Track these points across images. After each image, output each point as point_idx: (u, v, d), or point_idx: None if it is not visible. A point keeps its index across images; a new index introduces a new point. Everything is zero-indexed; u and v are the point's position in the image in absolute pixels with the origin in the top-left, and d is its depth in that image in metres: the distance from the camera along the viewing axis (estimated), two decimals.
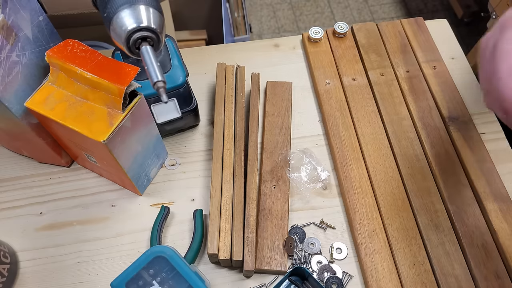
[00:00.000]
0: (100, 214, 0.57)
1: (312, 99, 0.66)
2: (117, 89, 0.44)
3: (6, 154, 0.62)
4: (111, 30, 0.42)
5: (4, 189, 0.59)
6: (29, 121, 0.50)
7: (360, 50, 0.68)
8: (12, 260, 0.52)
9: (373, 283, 0.50)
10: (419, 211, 0.54)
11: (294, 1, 1.94)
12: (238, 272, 0.53)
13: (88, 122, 0.45)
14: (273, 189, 0.56)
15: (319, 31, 0.69)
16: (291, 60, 0.71)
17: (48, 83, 0.48)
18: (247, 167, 0.56)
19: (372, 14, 1.90)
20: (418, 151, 0.59)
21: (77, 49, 0.47)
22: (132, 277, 0.45)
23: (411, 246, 0.52)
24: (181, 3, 1.24)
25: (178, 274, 0.45)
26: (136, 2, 0.41)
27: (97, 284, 0.52)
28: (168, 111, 0.56)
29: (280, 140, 0.60)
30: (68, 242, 0.55)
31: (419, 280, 0.50)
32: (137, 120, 0.48)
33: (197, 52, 0.72)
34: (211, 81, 0.68)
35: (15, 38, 0.46)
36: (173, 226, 0.56)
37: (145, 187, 0.59)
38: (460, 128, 0.60)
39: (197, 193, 0.58)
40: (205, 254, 0.54)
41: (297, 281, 0.51)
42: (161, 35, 0.43)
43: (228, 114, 0.60)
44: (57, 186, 0.59)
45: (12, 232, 0.56)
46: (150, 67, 0.40)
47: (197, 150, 0.62)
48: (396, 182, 0.56)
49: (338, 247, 0.54)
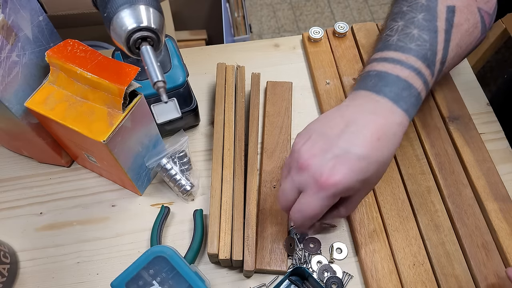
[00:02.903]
0: (100, 214, 0.57)
1: (312, 99, 0.66)
2: (117, 89, 0.44)
3: (6, 154, 0.62)
4: (111, 30, 0.42)
5: (4, 189, 0.59)
6: (29, 121, 0.50)
7: (360, 50, 0.68)
8: (12, 260, 0.52)
9: (373, 283, 0.50)
10: (419, 211, 0.54)
11: (294, 1, 1.94)
12: (238, 272, 0.53)
13: (88, 122, 0.46)
14: (273, 189, 0.56)
15: (319, 31, 0.69)
16: (291, 60, 0.71)
17: (48, 83, 0.48)
18: (247, 167, 0.56)
19: (372, 14, 1.90)
20: (418, 151, 0.59)
21: (77, 49, 0.47)
22: (132, 277, 0.45)
23: (411, 246, 0.52)
24: (181, 3, 1.24)
25: (178, 274, 0.45)
26: (136, 2, 0.41)
27: (97, 284, 0.52)
28: (168, 111, 0.56)
29: (280, 140, 0.60)
30: (68, 242, 0.55)
31: (419, 280, 0.50)
32: (137, 120, 0.48)
33: (197, 52, 0.72)
34: (211, 81, 0.68)
35: (15, 38, 0.46)
36: (173, 226, 0.56)
37: (145, 187, 0.59)
38: (460, 128, 0.60)
39: (197, 193, 0.58)
40: (205, 254, 0.54)
41: (297, 281, 0.51)
42: (161, 35, 0.43)
43: (228, 114, 0.60)
44: (57, 186, 0.59)
45: (12, 232, 0.56)
46: (150, 67, 0.40)
47: (197, 150, 0.62)
48: (396, 182, 0.56)
49: (338, 247, 0.54)
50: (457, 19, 0.47)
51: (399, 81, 0.43)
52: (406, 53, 0.44)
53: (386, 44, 0.46)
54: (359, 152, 0.40)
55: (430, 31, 0.45)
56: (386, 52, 0.46)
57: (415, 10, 0.47)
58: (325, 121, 0.44)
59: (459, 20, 0.47)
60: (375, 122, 0.41)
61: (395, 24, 0.47)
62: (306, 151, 0.42)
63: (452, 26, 0.46)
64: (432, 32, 0.45)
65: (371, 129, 0.41)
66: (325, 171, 0.40)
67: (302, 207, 0.42)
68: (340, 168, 0.40)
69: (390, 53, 0.45)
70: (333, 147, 0.41)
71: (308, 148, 0.42)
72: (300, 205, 0.42)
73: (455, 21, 0.46)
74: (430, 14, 0.46)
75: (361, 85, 0.45)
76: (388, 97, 0.43)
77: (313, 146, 0.42)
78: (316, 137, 0.42)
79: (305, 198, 0.42)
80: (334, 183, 0.40)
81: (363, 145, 0.40)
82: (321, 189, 0.40)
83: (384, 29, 0.49)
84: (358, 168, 0.40)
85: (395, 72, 0.44)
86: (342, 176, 0.40)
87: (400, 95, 0.43)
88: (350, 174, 0.40)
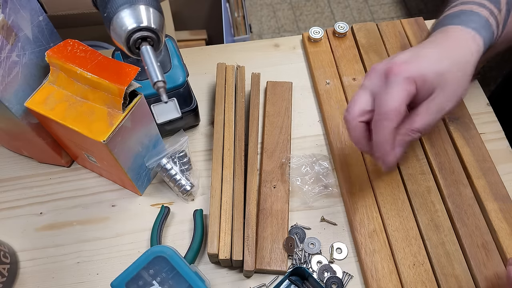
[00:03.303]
0: (100, 214, 0.57)
1: (312, 99, 0.66)
2: (117, 89, 0.44)
3: (6, 154, 0.62)
4: (111, 30, 0.42)
5: (4, 189, 0.59)
6: (29, 121, 0.50)
7: (360, 50, 0.68)
8: (12, 260, 0.52)
9: (373, 283, 0.50)
10: (419, 211, 0.54)
11: (294, 1, 1.94)
12: (238, 272, 0.53)
13: (88, 122, 0.45)
14: (273, 189, 0.56)
15: (319, 31, 0.69)
16: (291, 60, 0.71)
17: (48, 83, 0.48)
18: (247, 167, 0.56)
19: (372, 14, 1.90)
20: (418, 151, 0.59)
21: (77, 49, 0.47)
22: (132, 277, 0.45)
23: (411, 246, 0.52)
24: (181, 3, 1.24)
25: (178, 274, 0.45)
26: (136, 2, 0.41)
27: (97, 284, 0.52)
28: (168, 111, 0.56)
29: (280, 140, 0.60)
30: (68, 242, 0.55)
31: (419, 280, 0.50)
32: (137, 120, 0.48)
33: (197, 52, 0.72)
34: (211, 81, 0.68)
35: (15, 38, 0.46)
36: (173, 226, 0.56)
37: (145, 187, 0.59)
38: (460, 128, 0.60)
39: (197, 193, 0.58)
40: (205, 254, 0.54)
41: (297, 281, 0.51)
42: (161, 35, 0.43)
43: (228, 114, 0.60)
44: (57, 186, 0.59)
45: (12, 232, 0.56)
46: (150, 67, 0.40)
47: (197, 150, 0.62)
48: (396, 182, 0.56)
49: (338, 247, 0.54)
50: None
51: (481, 18, 0.48)
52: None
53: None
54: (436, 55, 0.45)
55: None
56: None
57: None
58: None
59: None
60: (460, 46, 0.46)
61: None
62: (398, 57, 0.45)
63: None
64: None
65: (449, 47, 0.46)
66: (399, 60, 0.43)
67: (382, 103, 0.43)
68: (414, 58, 0.44)
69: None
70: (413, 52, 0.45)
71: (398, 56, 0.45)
72: (381, 102, 0.43)
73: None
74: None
75: (448, 21, 0.49)
76: (473, 28, 0.47)
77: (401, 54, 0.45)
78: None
79: (382, 94, 0.43)
80: (407, 67, 0.43)
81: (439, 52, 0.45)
82: (395, 74, 0.42)
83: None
84: (432, 59, 0.44)
85: (482, 13, 0.48)
86: (416, 62, 0.43)
87: (483, 27, 0.48)
88: (423, 62, 0.44)
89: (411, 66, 0.43)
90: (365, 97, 0.45)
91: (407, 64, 0.43)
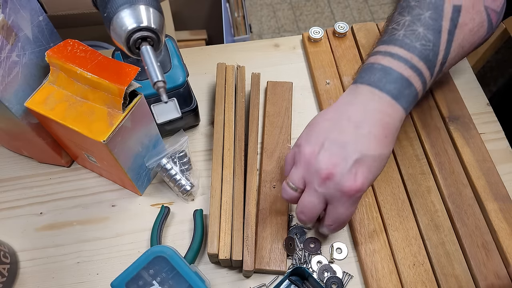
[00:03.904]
0: (100, 214, 0.57)
1: (312, 99, 0.66)
2: (117, 89, 0.44)
3: (6, 154, 0.62)
4: (111, 30, 0.42)
5: (4, 189, 0.59)
6: (29, 121, 0.50)
7: (360, 50, 0.68)
8: (12, 260, 0.52)
9: (373, 283, 0.50)
10: (419, 211, 0.54)
11: (294, 1, 1.94)
12: (238, 272, 0.53)
13: (88, 122, 0.46)
14: (273, 189, 0.56)
15: (319, 31, 0.69)
16: (291, 60, 0.71)
17: (48, 83, 0.48)
18: (247, 167, 0.56)
19: (372, 14, 1.90)
20: (418, 151, 0.59)
21: (77, 49, 0.47)
22: (132, 277, 0.45)
23: (411, 246, 0.52)
24: (181, 3, 1.24)
25: (178, 274, 0.45)
26: (136, 2, 0.41)
27: (97, 284, 0.52)
28: (168, 111, 0.56)
29: (280, 140, 0.60)
30: (68, 242, 0.55)
31: (419, 280, 0.50)
32: (137, 120, 0.48)
33: (197, 52, 0.72)
34: (211, 81, 0.68)
35: (15, 38, 0.46)
36: (173, 226, 0.56)
37: (145, 187, 0.59)
38: (460, 128, 0.60)
39: (197, 193, 0.58)
40: (205, 254, 0.54)
41: (297, 281, 0.51)
42: (161, 35, 0.43)
43: (228, 114, 0.60)
44: (57, 186, 0.59)
45: (12, 232, 0.56)
46: (150, 67, 0.40)
47: (197, 150, 0.62)
48: (396, 182, 0.56)
49: (338, 247, 0.54)
50: (462, 18, 0.47)
51: (402, 80, 0.45)
52: (411, 52, 0.46)
53: (392, 38, 0.47)
54: (375, 153, 0.43)
55: (435, 31, 0.46)
56: (391, 46, 0.47)
57: (423, 7, 0.47)
58: (332, 126, 0.44)
59: (464, 20, 0.47)
60: (382, 121, 0.44)
61: (402, 18, 0.48)
62: (325, 162, 0.43)
63: (456, 26, 0.47)
64: (437, 32, 0.46)
65: (379, 129, 0.43)
66: (350, 178, 0.42)
67: (337, 217, 0.45)
68: (362, 171, 0.42)
69: (396, 49, 0.46)
70: (351, 154, 0.42)
71: (327, 158, 0.43)
72: (335, 215, 0.45)
73: (459, 21, 0.47)
74: (436, 13, 0.47)
75: (364, 78, 0.46)
76: (391, 94, 0.44)
77: (331, 156, 0.43)
78: (329, 145, 0.43)
79: (336, 208, 0.44)
80: (360, 187, 0.42)
81: (376, 146, 0.43)
82: (350, 196, 0.43)
83: (391, 21, 0.50)
84: (374, 167, 0.43)
85: (399, 70, 0.45)
86: (365, 178, 0.43)
87: (402, 93, 0.45)
88: (369, 175, 0.43)
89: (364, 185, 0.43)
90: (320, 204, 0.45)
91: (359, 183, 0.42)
